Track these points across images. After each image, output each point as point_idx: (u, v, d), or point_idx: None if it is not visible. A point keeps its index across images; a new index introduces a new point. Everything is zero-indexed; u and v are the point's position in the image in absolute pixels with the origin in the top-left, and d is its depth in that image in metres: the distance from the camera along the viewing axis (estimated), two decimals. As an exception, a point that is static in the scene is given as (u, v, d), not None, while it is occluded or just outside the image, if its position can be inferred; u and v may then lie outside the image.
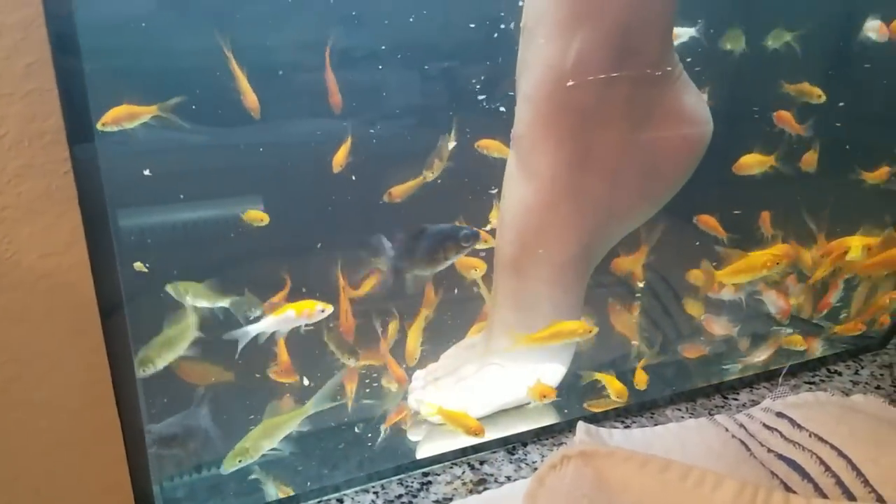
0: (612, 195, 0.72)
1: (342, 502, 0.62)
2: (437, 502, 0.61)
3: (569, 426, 0.72)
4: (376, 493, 0.63)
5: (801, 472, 0.58)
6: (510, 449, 0.69)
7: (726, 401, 0.78)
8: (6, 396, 0.49)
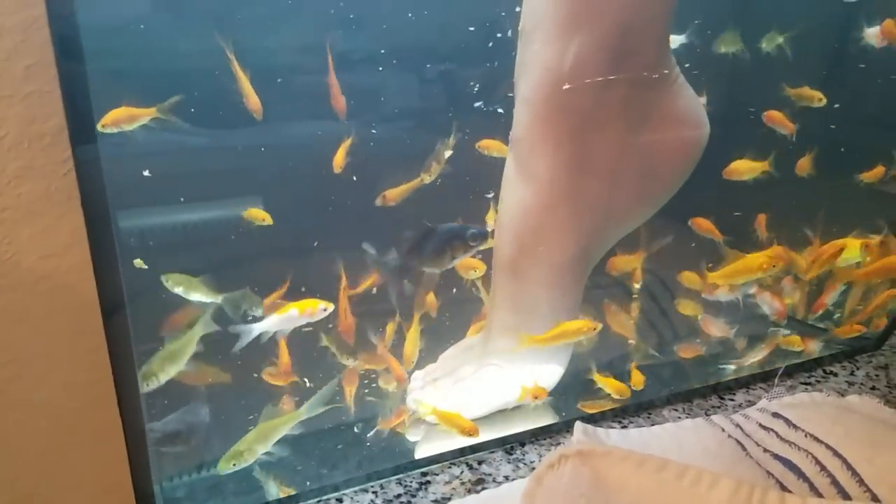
0: (610, 197, 0.72)
1: (341, 502, 0.62)
2: (436, 502, 0.61)
3: (566, 426, 0.72)
4: (375, 492, 0.63)
5: (797, 471, 0.58)
6: (508, 449, 0.69)
7: (723, 401, 0.78)
8: (6, 397, 0.49)
